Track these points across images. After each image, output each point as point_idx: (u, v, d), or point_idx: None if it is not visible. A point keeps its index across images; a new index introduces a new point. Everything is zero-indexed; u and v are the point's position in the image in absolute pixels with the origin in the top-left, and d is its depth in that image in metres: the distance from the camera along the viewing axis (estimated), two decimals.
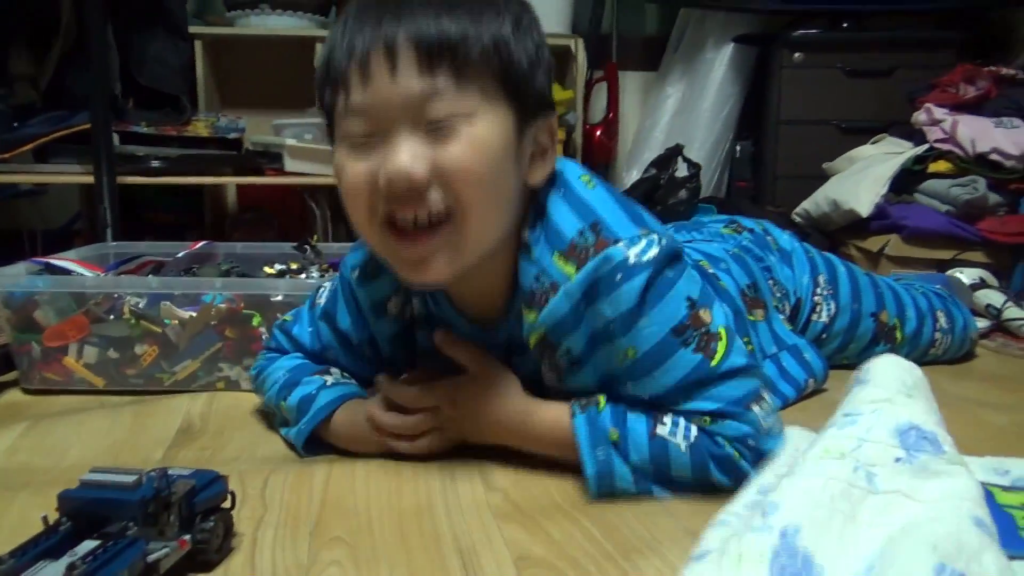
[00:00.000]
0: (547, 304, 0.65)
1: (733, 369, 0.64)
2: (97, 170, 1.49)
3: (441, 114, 0.59)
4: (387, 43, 0.58)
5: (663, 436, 0.64)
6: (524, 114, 0.63)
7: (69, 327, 0.93)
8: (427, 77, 0.58)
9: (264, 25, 2.08)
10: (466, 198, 0.60)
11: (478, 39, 0.59)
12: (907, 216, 1.59)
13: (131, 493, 0.50)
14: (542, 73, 0.65)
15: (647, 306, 0.63)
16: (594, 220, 0.64)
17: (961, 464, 0.53)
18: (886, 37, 2.11)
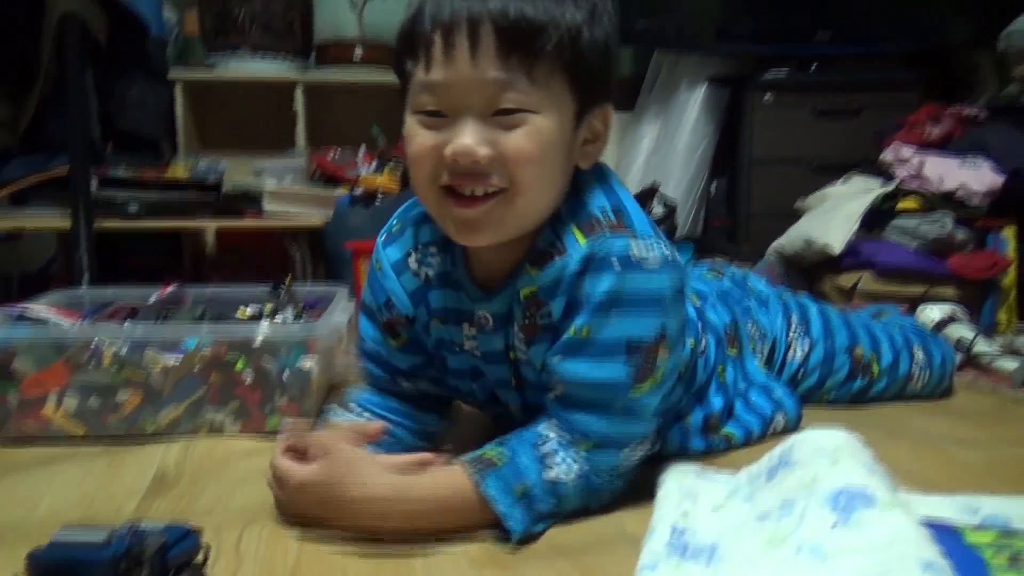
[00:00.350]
0: (551, 262, 0.69)
1: (639, 408, 0.69)
2: (75, 216, 1.49)
3: (511, 104, 0.63)
4: (472, 20, 0.61)
5: (553, 479, 0.67)
6: (585, 104, 0.67)
7: (49, 376, 0.92)
8: (504, 66, 0.62)
9: (244, 69, 2.10)
10: (522, 180, 0.65)
11: (556, 29, 0.62)
12: (878, 253, 1.63)
13: (101, 552, 0.50)
14: (607, 63, 0.67)
15: (624, 305, 0.66)
16: (618, 206, 0.69)
17: (895, 507, 0.56)
18: (853, 79, 2.17)
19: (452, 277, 0.77)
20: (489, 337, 0.76)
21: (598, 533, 0.67)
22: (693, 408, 0.86)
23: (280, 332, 0.96)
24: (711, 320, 0.92)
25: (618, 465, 0.70)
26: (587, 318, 0.67)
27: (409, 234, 0.79)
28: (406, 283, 0.78)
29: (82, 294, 1.20)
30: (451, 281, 0.77)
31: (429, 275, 0.78)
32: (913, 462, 0.85)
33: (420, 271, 0.78)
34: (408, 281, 0.78)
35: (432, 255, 0.78)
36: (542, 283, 0.69)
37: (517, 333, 0.74)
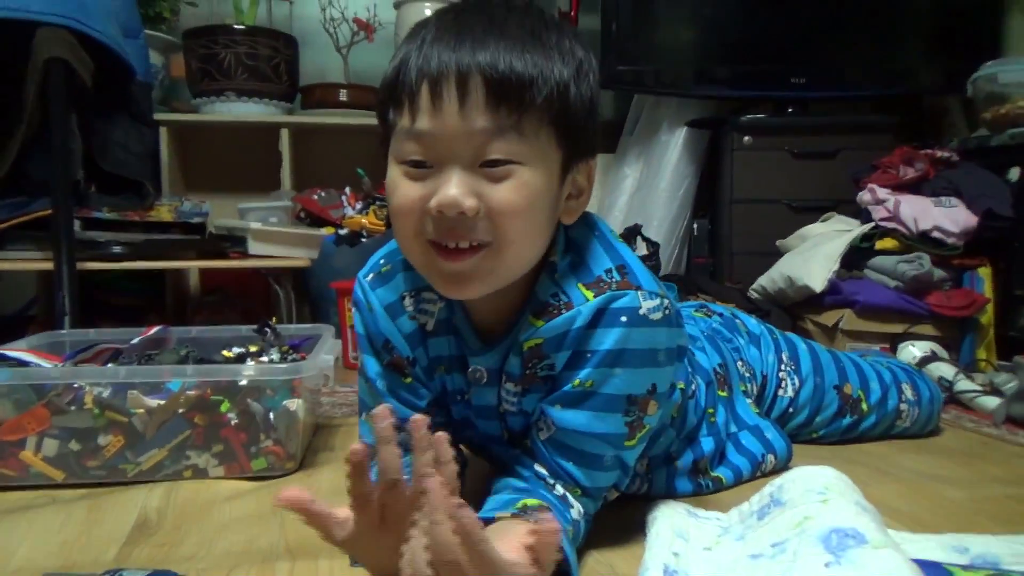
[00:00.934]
0: (558, 316, 0.68)
1: (624, 460, 0.71)
2: (57, 257, 1.48)
3: (497, 154, 0.61)
4: (460, 72, 0.60)
5: (576, 519, 0.67)
6: (570, 158, 0.66)
7: (28, 420, 0.90)
8: (492, 116, 0.61)
9: (230, 112, 2.12)
10: (508, 233, 0.63)
11: (544, 83, 0.61)
12: (859, 291, 1.65)
13: None
14: (593, 119, 0.67)
15: (628, 360, 0.66)
16: (622, 264, 0.69)
17: (888, 546, 0.56)
18: (828, 122, 2.23)
19: (452, 324, 0.75)
20: (482, 391, 0.76)
21: (590, 573, 0.67)
22: (683, 451, 0.86)
23: (266, 373, 0.95)
24: (700, 363, 0.92)
25: (596, 511, 0.71)
26: (591, 371, 0.66)
27: (400, 278, 0.76)
28: (402, 326, 0.76)
29: (64, 336, 1.19)
30: (452, 328, 0.75)
31: (428, 322, 0.76)
32: (901, 501, 0.85)
33: (417, 316, 0.76)
34: (404, 324, 0.76)
35: (429, 301, 0.76)
36: (548, 336, 0.68)
37: (507, 386, 0.73)
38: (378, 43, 2.41)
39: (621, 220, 2.39)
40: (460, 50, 0.60)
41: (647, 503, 0.78)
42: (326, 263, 1.89)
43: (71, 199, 1.56)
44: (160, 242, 1.74)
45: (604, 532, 0.72)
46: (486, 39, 0.61)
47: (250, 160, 2.32)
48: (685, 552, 0.68)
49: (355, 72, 2.41)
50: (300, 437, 0.97)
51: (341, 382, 1.50)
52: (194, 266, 2.03)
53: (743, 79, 2.28)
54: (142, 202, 1.78)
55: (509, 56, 0.60)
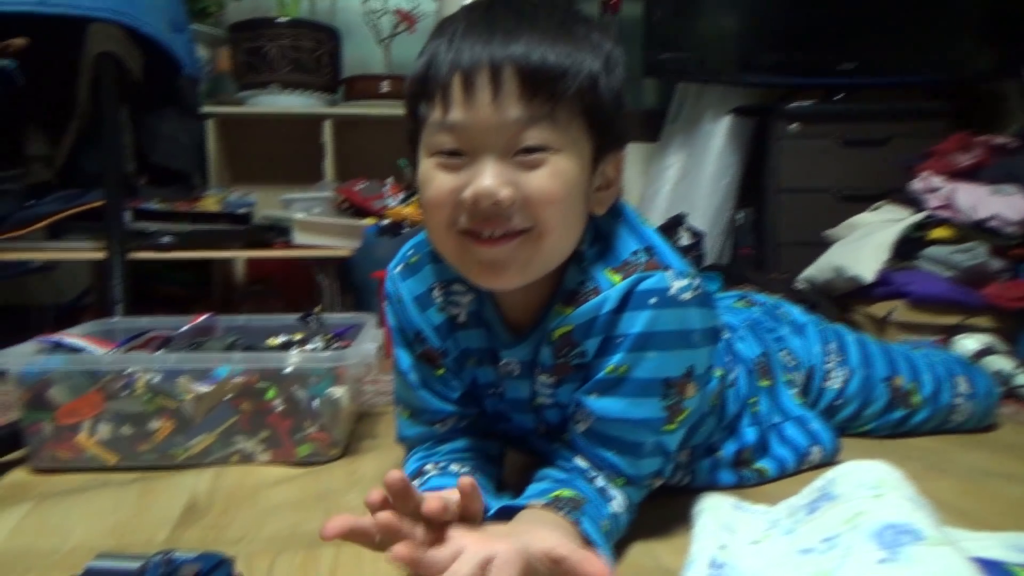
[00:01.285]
0: (586, 302, 0.67)
1: (666, 447, 0.70)
2: (109, 247, 1.52)
3: (532, 141, 0.62)
4: (493, 64, 0.60)
5: (617, 512, 0.67)
6: (600, 149, 0.66)
7: (83, 405, 0.93)
8: (526, 105, 0.61)
9: (274, 104, 2.15)
10: (546, 220, 0.63)
11: (576, 75, 0.62)
12: (911, 282, 1.60)
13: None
14: (621, 111, 0.67)
15: (661, 343, 0.65)
16: (649, 245, 0.69)
17: (945, 544, 0.55)
18: (880, 108, 2.17)
19: (482, 317, 0.75)
20: (514, 384, 0.75)
21: (635, 566, 0.66)
22: (725, 441, 0.85)
23: (310, 361, 0.96)
24: (740, 352, 0.91)
25: (640, 500, 0.70)
26: (624, 356, 0.66)
27: (429, 269, 0.76)
28: (432, 318, 0.76)
29: (116, 324, 1.22)
30: (482, 321, 0.75)
31: (458, 314, 0.76)
32: (957, 497, 0.83)
33: (447, 308, 0.76)
34: (433, 316, 0.76)
35: (458, 294, 0.75)
36: (577, 323, 0.68)
37: (541, 378, 0.72)
38: (420, 34, 2.41)
39: (664, 210, 2.36)
40: (492, 43, 0.61)
41: (692, 495, 0.77)
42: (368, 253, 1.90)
43: (122, 191, 1.60)
44: (207, 232, 1.77)
45: (649, 523, 0.71)
46: (517, 32, 0.61)
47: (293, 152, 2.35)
48: (732, 545, 0.66)
49: (397, 63, 2.42)
50: (344, 424, 0.98)
51: (384, 371, 1.51)
52: (240, 256, 2.06)
53: (790, 66, 2.23)
54: (190, 193, 1.82)
55: (541, 48, 0.61)
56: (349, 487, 0.88)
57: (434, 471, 0.73)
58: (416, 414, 0.78)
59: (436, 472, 0.73)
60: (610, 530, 0.65)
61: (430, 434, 0.78)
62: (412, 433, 0.79)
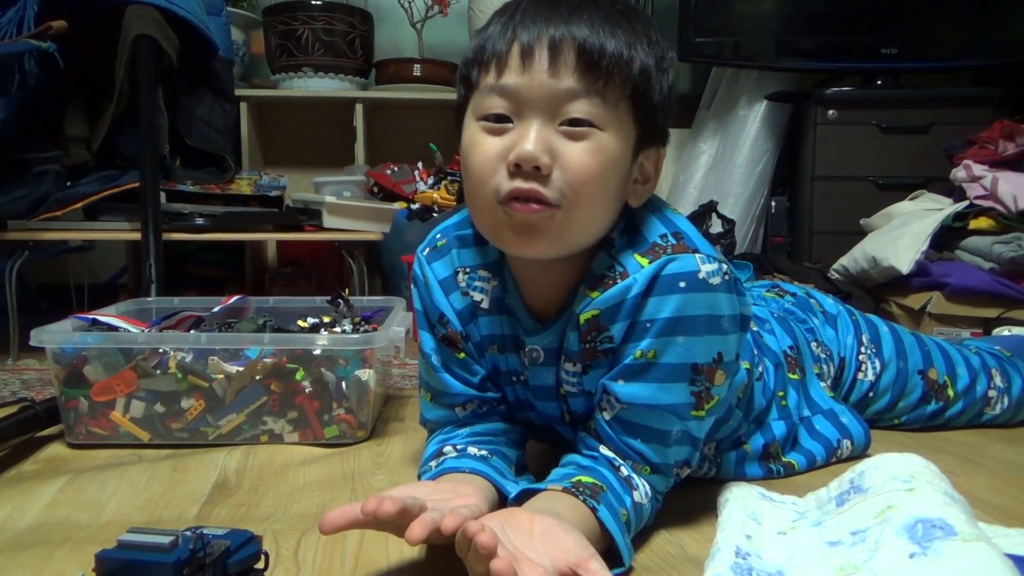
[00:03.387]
0: (613, 286, 0.67)
1: (693, 434, 0.69)
2: (144, 228, 1.54)
3: (579, 113, 0.63)
4: (553, 38, 0.62)
5: (640, 503, 0.66)
6: (644, 140, 0.67)
7: (117, 382, 0.95)
8: (579, 78, 0.62)
9: (307, 88, 2.16)
10: (579, 193, 0.63)
11: (630, 62, 0.63)
12: (949, 273, 1.57)
13: (166, 556, 0.51)
14: (667, 111, 0.68)
15: (689, 327, 0.65)
16: (677, 230, 0.69)
17: (979, 539, 0.53)
18: (921, 94, 2.11)
19: (505, 304, 0.75)
20: (539, 371, 0.75)
21: (659, 553, 0.66)
22: (753, 435, 0.83)
23: (339, 343, 0.97)
24: (769, 345, 0.89)
25: (667, 489, 0.70)
26: (652, 341, 0.65)
27: (455, 254, 0.76)
28: (455, 302, 0.76)
29: (150, 303, 1.24)
30: (505, 308, 0.75)
31: (481, 300, 0.76)
32: (992, 492, 0.81)
33: (470, 293, 0.76)
34: (457, 300, 0.76)
35: (482, 279, 0.76)
36: (604, 307, 0.67)
37: (567, 366, 0.72)
38: (452, 18, 2.41)
39: (696, 197, 2.34)
40: (554, 20, 0.63)
41: (718, 485, 0.76)
42: (398, 237, 1.91)
43: (158, 172, 1.62)
44: (240, 214, 1.79)
45: (675, 512, 0.71)
46: (580, 12, 0.63)
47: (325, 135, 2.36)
48: (758, 535, 0.66)
49: (429, 47, 2.41)
50: (371, 407, 0.99)
51: (411, 355, 1.52)
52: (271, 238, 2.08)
53: (829, 50, 2.18)
54: (223, 176, 1.84)
55: (602, 30, 0.63)
56: (375, 469, 0.89)
57: (452, 453, 0.73)
58: (437, 396, 0.79)
59: (454, 455, 0.73)
60: (630, 520, 0.65)
61: (451, 417, 0.78)
62: (433, 416, 0.79)
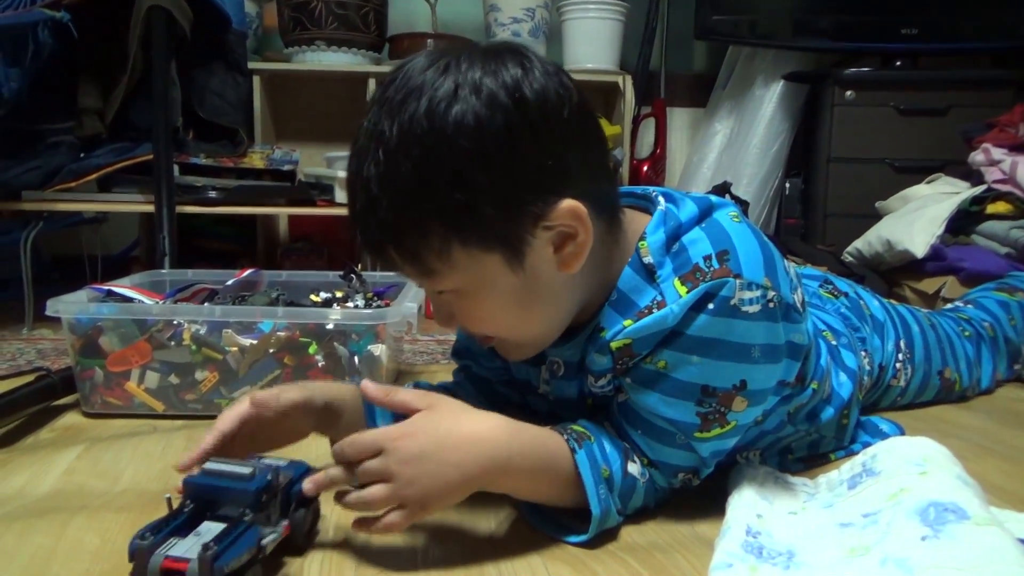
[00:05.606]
0: (649, 315, 0.62)
1: (698, 449, 0.66)
2: (158, 200, 1.54)
3: (438, 288, 0.63)
4: (372, 247, 0.61)
5: (633, 474, 0.65)
6: (515, 242, 0.59)
7: (132, 353, 0.95)
8: (408, 266, 0.61)
9: (320, 61, 2.14)
10: (499, 333, 0.66)
11: (427, 226, 0.57)
12: (964, 258, 1.55)
13: (248, 483, 0.56)
14: (508, 205, 0.58)
15: (709, 350, 0.62)
16: (725, 249, 0.63)
17: (991, 523, 0.53)
18: (941, 76, 2.08)
19: None
20: (561, 383, 0.73)
21: (670, 532, 0.66)
22: (804, 448, 0.82)
23: (352, 318, 0.97)
24: (846, 361, 0.85)
25: (667, 487, 0.68)
26: (669, 353, 0.63)
27: None
28: None
29: (164, 276, 1.24)
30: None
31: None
32: (1004, 478, 0.81)
33: None
34: None
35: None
36: (637, 336, 0.63)
37: (595, 381, 0.69)
38: None
39: (709, 177, 2.32)
40: (366, 221, 0.59)
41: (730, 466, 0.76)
42: None
43: (171, 145, 1.62)
44: (252, 188, 1.79)
45: (686, 492, 0.71)
46: (369, 200, 0.58)
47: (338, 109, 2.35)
48: (769, 514, 0.66)
49: (443, 22, 2.39)
50: (383, 382, 0.99)
51: (423, 331, 1.53)
52: (284, 212, 2.09)
53: (847, 30, 2.15)
54: (236, 149, 1.84)
55: (380, 225, 0.58)
56: None
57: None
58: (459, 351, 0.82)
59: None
60: (612, 479, 0.64)
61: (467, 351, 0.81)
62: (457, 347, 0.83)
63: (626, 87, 2.20)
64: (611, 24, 2.22)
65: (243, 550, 0.52)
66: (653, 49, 2.38)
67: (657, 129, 2.41)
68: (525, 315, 0.63)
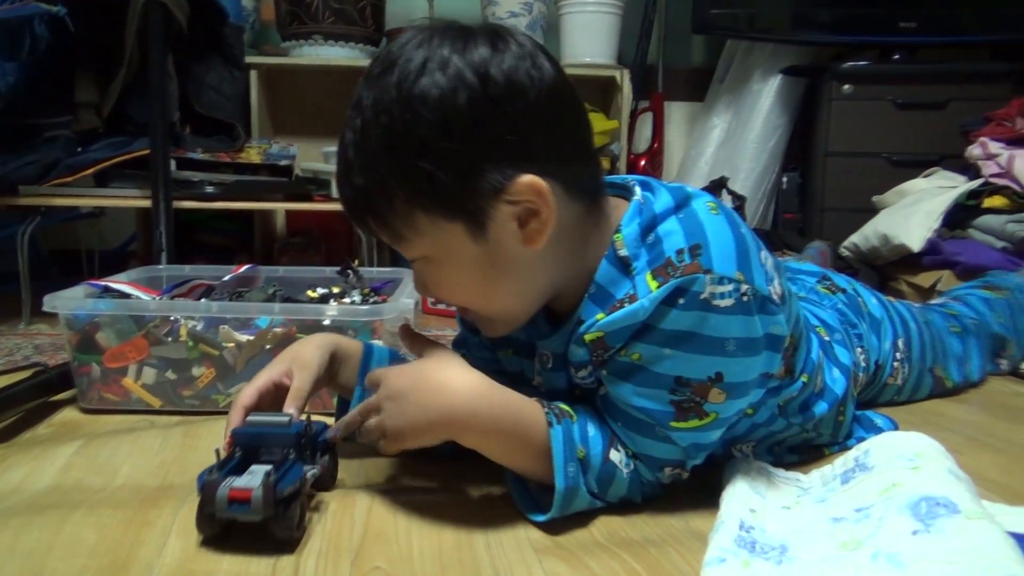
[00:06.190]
0: (621, 309, 0.63)
1: (677, 440, 0.66)
2: (155, 195, 1.54)
3: (410, 255, 0.66)
4: (350, 212, 0.65)
5: (614, 461, 0.66)
6: (475, 213, 0.61)
7: (129, 349, 0.96)
8: (381, 232, 0.64)
9: (317, 55, 2.14)
10: (469, 304, 0.69)
11: (393, 192, 0.61)
12: (961, 252, 1.56)
13: (288, 429, 0.66)
14: (469, 175, 0.60)
15: (682, 343, 0.63)
16: (698, 243, 0.63)
17: (981, 517, 0.54)
18: (939, 70, 2.08)
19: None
20: (551, 375, 0.74)
21: (663, 526, 0.66)
22: (799, 443, 0.82)
23: (348, 314, 0.97)
24: (840, 358, 0.86)
25: (654, 480, 0.69)
26: (644, 347, 0.64)
27: None
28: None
29: (161, 271, 1.24)
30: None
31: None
32: (996, 471, 0.81)
33: None
34: None
35: None
36: (609, 330, 0.64)
37: (578, 372, 0.70)
38: None
39: (707, 171, 2.32)
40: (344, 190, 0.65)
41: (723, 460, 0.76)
42: None
43: (168, 139, 1.61)
44: (249, 183, 1.78)
45: (679, 486, 0.72)
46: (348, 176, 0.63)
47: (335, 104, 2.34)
48: (762, 509, 0.66)
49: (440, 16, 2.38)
50: None
51: (420, 326, 1.53)
52: (281, 207, 2.08)
53: (845, 23, 2.15)
54: (233, 144, 1.83)
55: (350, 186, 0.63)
56: None
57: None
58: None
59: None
60: (588, 460, 0.65)
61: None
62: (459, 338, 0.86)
63: (624, 81, 2.20)
64: (609, 18, 2.22)
65: (293, 481, 0.61)
66: (651, 43, 2.38)
67: (655, 123, 2.41)
68: (490, 286, 0.65)
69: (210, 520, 0.60)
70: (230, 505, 0.58)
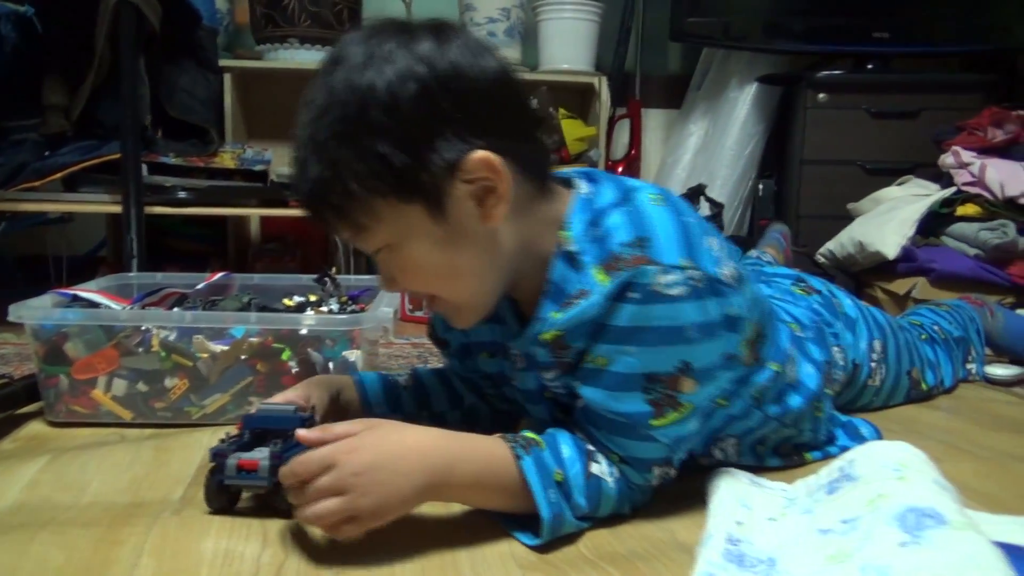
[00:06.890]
0: (574, 305, 0.65)
1: (660, 437, 0.66)
2: (125, 200, 1.51)
3: (371, 246, 0.66)
4: (308, 209, 0.66)
5: (597, 475, 0.66)
6: (433, 192, 0.61)
7: (99, 360, 0.93)
8: (341, 226, 0.64)
9: (292, 59, 2.11)
10: (435, 291, 0.68)
11: (348, 181, 0.61)
12: (935, 259, 1.58)
13: (294, 415, 0.69)
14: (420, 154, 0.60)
15: (643, 338, 0.63)
16: (644, 236, 0.64)
17: (968, 528, 0.54)
18: (912, 79, 2.11)
19: (496, 311, 0.73)
20: (523, 376, 0.74)
21: (650, 540, 0.65)
22: (780, 441, 0.82)
23: (326, 323, 0.95)
24: (812, 354, 0.85)
25: (644, 484, 0.68)
26: (605, 348, 0.64)
27: None
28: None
29: (132, 279, 1.21)
30: (495, 315, 0.74)
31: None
32: (978, 479, 0.81)
33: None
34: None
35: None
36: (565, 328, 0.65)
37: (545, 374, 0.71)
38: None
39: (684, 179, 2.33)
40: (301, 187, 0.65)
41: (707, 471, 0.76)
42: None
43: (139, 143, 1.58)
44: (223, 188, 1.76)
45: (664, 498, 0.71)
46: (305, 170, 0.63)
47: None
48: (749, 521, 0.66)
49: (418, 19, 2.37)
50: None
51: (399, 334, 1.51)
52: (255, 213, 2.05)
53: (820, 33, 2.17)
54: (206, 148, 1.80)
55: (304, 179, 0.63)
56: None
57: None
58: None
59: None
60: (567, 481, 0.64)
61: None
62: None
63: (601, 88, 2.20)
64: (586, 25, 2.22)
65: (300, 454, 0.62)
66: (628, 50, 2.39)
67: (632, 130, 2.41)
68: (454, 268, 0.65)
69: (219, 489, 0.67)
70: (239, 472, 0.64)
